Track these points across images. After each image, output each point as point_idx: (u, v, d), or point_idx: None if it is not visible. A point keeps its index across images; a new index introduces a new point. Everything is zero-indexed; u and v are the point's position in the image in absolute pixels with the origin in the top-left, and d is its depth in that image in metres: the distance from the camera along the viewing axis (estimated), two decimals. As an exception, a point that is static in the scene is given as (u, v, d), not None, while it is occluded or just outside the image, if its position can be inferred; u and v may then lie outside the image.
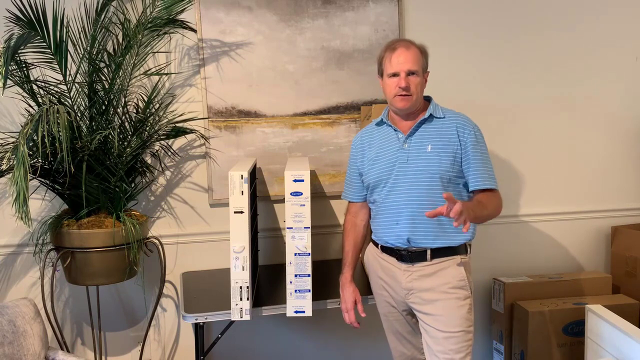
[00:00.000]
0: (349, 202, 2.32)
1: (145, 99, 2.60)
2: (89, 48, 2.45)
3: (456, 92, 2.92)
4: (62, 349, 2.47)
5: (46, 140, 2.01)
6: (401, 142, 2.11)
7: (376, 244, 2.22)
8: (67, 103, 2.43)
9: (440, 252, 2.08)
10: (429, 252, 2.08)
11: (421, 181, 2.06)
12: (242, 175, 2.13)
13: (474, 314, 2.13)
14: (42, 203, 2.64)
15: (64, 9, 2.44)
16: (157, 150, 2.70)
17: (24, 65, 2.35)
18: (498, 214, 2.09)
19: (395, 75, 2.06)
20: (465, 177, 2.10)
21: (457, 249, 2.11)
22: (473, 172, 2.08)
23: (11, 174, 1.97)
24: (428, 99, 2.19)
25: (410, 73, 2.05)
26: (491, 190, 2.09)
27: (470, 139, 2.08)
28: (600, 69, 3.10)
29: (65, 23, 2.35)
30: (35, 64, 2.38)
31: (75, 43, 2.47)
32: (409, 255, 2.10)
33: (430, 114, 2.11)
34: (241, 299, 2.16)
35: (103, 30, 2.51)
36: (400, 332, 2.25)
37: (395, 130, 2.14)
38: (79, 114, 2.45)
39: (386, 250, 2.17)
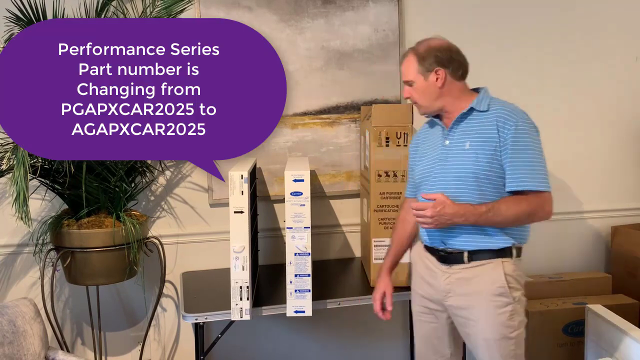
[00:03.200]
0: (406, 197, 2.26)
1: (145, 98, 2.59)
2: (89, 48, 2.45)
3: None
4: (62, 349, 2.47)
5: (46, 140, 2.01)
6: (443, 139, 2.02)
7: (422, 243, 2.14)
8: (67, 103, 2.43)
9: (478, 255, 1.96)
10: (465, 254, 1.96)
11: (455, 180, 1.94)
12: (242, 175, 2.13)
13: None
14: (42, 203, 2.64)
15: (64, 9, 2.43)
16: (157, 150, 2.69)
17: (24, 65, 2.35)
18: (539, 219, 1.93)
19: None
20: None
21: (498, 252, 1.96)
22: (510, 171, 1.90)
23: (11, 174, 1.97)
24: (478, 90, 2.04)
25: (407, 83, 2.04)
26: (534, 192, 1.89)
27: (511, 133, 1.88)
28: (600, 69, 3.10)
29: (65, 23, 2.36)
30: (35, 63, 2.38)
31: (75, 43, 2.47)
32: (446, 256, 2.01)
33: (471, 107, 1.96)
34: (241, 299, 2.16)
35: (103, 30, 2.51)
36: (429, 336, 2.14)
37: (442, 127, 2.05)
38: (79, 114, 2.45)
39: (428, 249, 2.09)
